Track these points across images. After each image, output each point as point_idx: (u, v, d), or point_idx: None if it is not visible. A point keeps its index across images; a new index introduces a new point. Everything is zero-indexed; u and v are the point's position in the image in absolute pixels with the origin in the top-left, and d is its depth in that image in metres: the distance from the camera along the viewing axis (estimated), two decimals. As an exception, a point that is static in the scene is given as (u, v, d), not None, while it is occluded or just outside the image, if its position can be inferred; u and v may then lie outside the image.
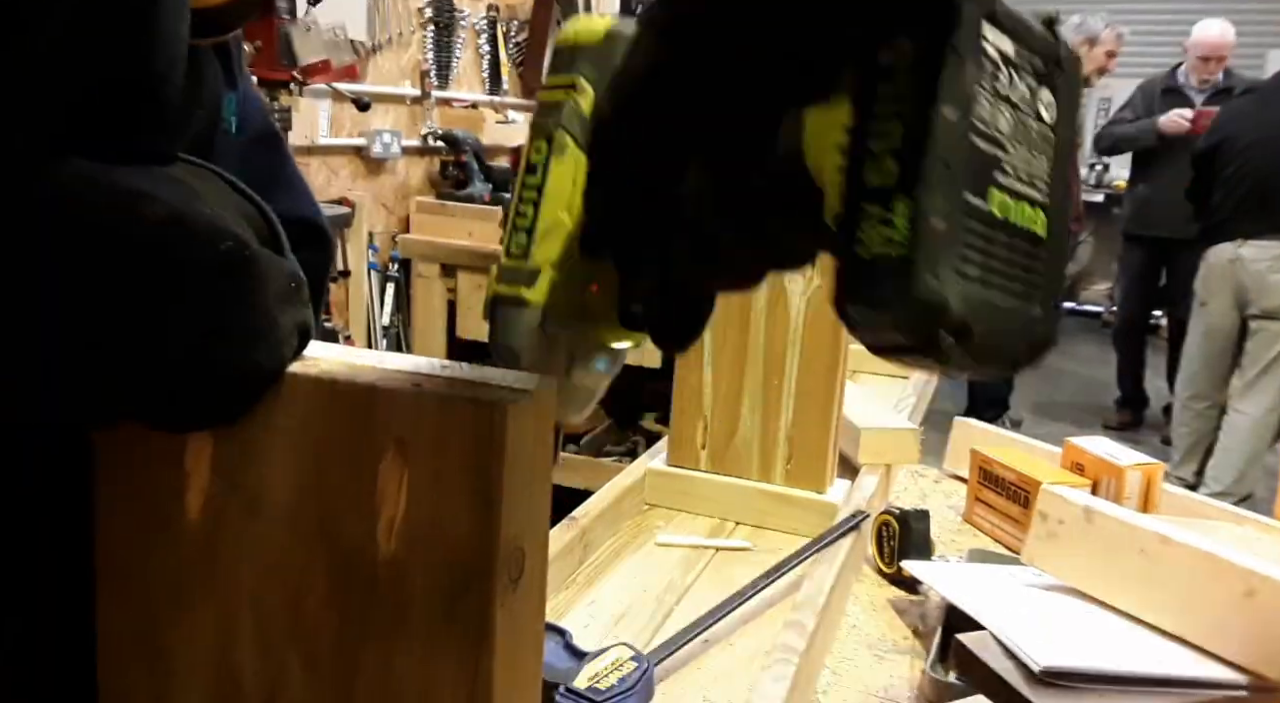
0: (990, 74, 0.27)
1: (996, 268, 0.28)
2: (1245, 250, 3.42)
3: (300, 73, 2.54)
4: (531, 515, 0.30)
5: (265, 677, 0.31)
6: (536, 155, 0.39)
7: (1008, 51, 0.28)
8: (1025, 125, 0.29)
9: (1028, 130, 0.29)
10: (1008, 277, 0.28)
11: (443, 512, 0.28)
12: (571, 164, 0.38)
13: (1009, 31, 0.28)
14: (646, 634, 0.83)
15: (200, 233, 0.30)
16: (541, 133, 0.39)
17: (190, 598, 0.32)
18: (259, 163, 0.44)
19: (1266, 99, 3.48)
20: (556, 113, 0.38)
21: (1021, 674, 0.71)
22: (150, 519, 0.32)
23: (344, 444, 0.29)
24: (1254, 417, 3.43)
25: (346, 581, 0.29)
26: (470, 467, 0.27)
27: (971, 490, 1.17)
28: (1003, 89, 0.28)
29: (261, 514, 0.30)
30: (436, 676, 0.29)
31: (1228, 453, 3.48)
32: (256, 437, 0.30)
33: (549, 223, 0.38)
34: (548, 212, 0.38)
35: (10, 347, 0.29)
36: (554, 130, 0.38)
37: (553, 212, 0.38)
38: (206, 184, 0.38)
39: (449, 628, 0.28)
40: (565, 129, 0.38)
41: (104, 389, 0.29)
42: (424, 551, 0.28)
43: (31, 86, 0.30)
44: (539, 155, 0.38)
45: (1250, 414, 3.44)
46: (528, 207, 0.38)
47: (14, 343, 0.29)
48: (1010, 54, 0.28)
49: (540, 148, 0.39)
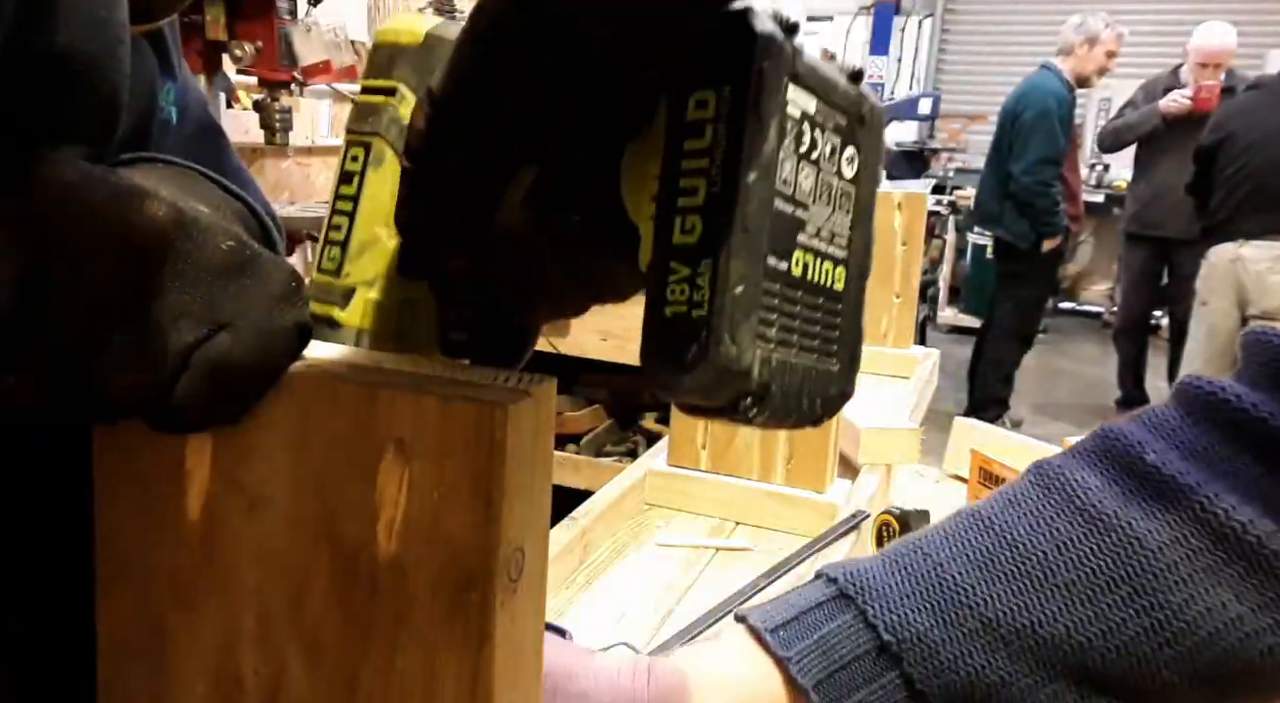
0: (794, 135, 0.27)
1: (796, 327, 0.28)
2: (1246, 250, 3.42)
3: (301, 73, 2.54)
4: (532, 516, 0.30)
5: (266, 677, 0.31)
6: (353, 164, 0.36)
7: (810, 110, 0.28)
8: (828, 183, 0.29)
9: (830, 188, 0.29)
10: (807, 335, 0.29)
11: (443, 512, 0.28)
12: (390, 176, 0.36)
13: (812, 89, 0.28)
14: (646, 634, 0.83)
15: (201, 230, 0.30)
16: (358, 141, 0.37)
17: (191, 598, 0.32)
18: (202, 155, 0.43)
19: (1270, 98, 3.46)
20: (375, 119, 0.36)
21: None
22: (150, 519, 0.32)
23: (345, 444, 0.29)
24: None
25: (347, 581, 0.29)
26: (471, 467, 0.27)
27: (972, 491, 1.17)
28: (805, 149, 0.28)
29: (262, 514, 0.30)
30: (437, 675, 0.29)
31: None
32: (257, 436, 0.30)
33: (364, 238, 0.36)
34: (363, 226, 0.36)
35: (11, 345, 0.29)
36: (371, 139, 0.36)
37: (369, 227, 0.36)
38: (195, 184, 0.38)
39: (450, 628, 0.28)
40: (383, 138, 0.36)
41: (105, 388, 0.29)
42: (425, 551, 0.28)
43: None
44: (355, 164, 0.36)
45: None
46: (342, 219, 0.36)
47: (15, 341, 0.29)
48: (813, 112, 0.28)
49: (357, 156, 0.36)
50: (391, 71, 0.37)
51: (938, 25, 8.39)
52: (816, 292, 0.29)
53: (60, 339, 0.28)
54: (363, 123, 0.37)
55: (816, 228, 0.29)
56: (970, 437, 1.28)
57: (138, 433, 0.30)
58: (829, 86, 0.28)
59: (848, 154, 0.29)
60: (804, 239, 0.28)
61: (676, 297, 0.27)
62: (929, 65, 8.44)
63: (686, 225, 0.27)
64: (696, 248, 0.27)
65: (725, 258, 0.26)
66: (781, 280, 0.28)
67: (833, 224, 0.29)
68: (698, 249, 0.27)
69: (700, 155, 0.27)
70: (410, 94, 0.36)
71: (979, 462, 1.15)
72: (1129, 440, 0.49)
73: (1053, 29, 7.83)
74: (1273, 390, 0.47)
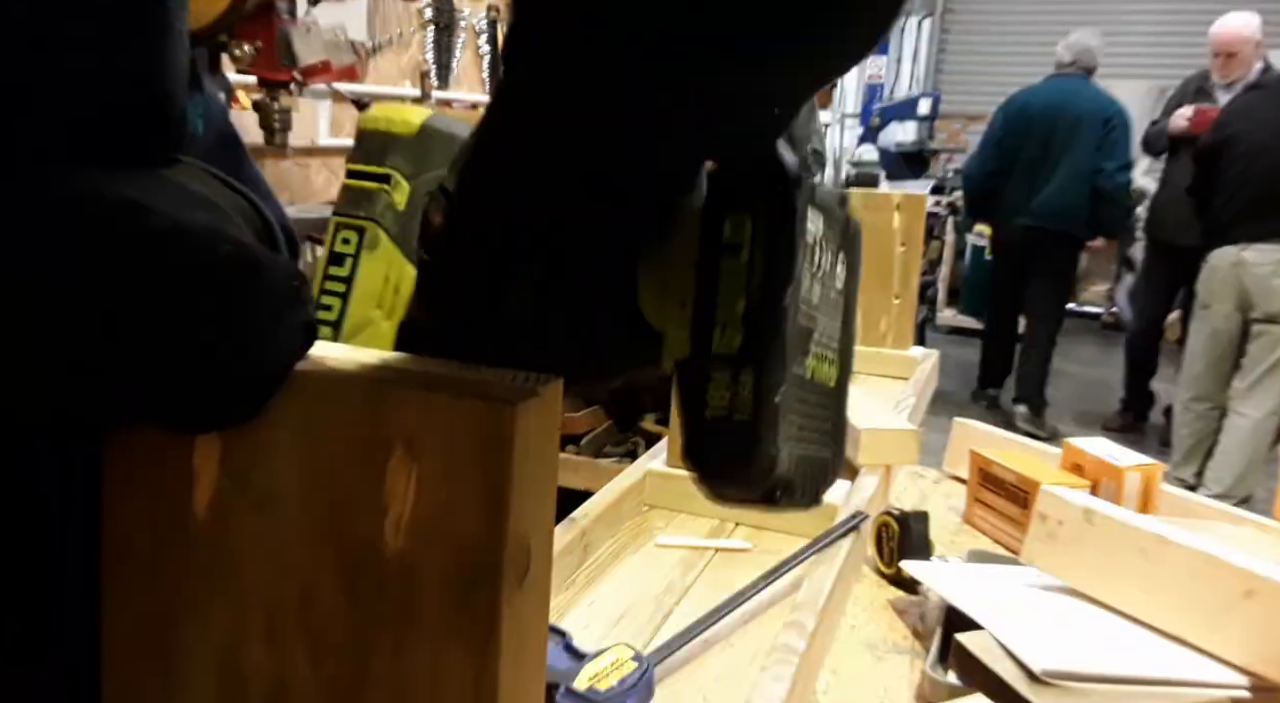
0: (810, 255, 0.31)
1: (808, 425, 0.31)
2: (1248, 254, 3.41)
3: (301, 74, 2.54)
4: (539, 514, 0.30)
5: (274, 674, 0.31)
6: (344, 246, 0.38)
7: (820, 232, 0.31)
8: (828, 294, 0.32)
9: (828, 298, 0.32)
10: (816, 430, 0.32)
11: (451, 509, 0.28)
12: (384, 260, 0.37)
13: (821, 210, 0.31)
14: (646, 635, 0.83)
15: (199, 238, 0.30)
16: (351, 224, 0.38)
17: (198, 596, 0.32)
18: (222, 163, 0.44)
19: (1272, 98, 3.46)
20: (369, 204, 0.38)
21: (1021, 675, 0.72)
22: (158, 517, 0.32)
23: (353, 442, 0.29)
24: (1255, 419, 3.43)
25: (355, 578, 0.30)
26: (479, 464, 0.28)
27: (971, 491, 1.17)
28: (815, 266, 0.31)
29: (270, 512, 0.30)
30: (444, 672, 0.29)
31: (1228, 455, 3.48)
32: (265, 435, 0.30)
33: (359, 320, 0.37)
34: (357, 308, 0.37)
35: (21, 356, 0.29)
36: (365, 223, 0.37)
37: (363, 309, 0.37)
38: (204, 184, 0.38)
39: (457, 625, 0.29)
40: (378, 223, 0.37)
41: (113, 396, 0.29)
42: (432, 548, 0.29)
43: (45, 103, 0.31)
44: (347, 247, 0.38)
45: (1251, 416, 3.44)
46: (334, 300, 0.37)
47: (24, 352, 0.29)
48: (821, 234, 0.31)
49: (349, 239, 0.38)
50: (385, 159, 0.38)
51: (937, 25, 8.40)
52: (820, 391, 0.32)
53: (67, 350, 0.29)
54: (356, 208, 0.38)
55: (821, 334, 0.32)
56: (970, 438, 1.29)
57: (146, 431, 0.31)
58: (830, 209, 0.32)
59: (840, 267, 0.33)
60: (812, 346, 0.31)
61: (717, 401, 0.30)
62: (928, 65, 8.45)
63: (726, 335, 0.30)
64: (737, 358, 0.30)
65: (766, 369, 0.29)
66: (799, 385, 0.31)
67: (830, 329, 0.32)
68: (739, 358, 0.30)
69: (737, 273, 0.30)
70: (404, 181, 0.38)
71: (978, 463, 1.15)
72: None
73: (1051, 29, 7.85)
74: None
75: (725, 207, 0.31)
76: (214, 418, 0.30)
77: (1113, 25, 7.49)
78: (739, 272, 0.30)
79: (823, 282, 0.31)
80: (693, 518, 1.08)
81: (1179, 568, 0.77)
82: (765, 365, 0.29)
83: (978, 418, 1.38)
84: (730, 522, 1.07)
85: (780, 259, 0.30)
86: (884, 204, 1.68)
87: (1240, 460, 3.44)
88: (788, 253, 0.30)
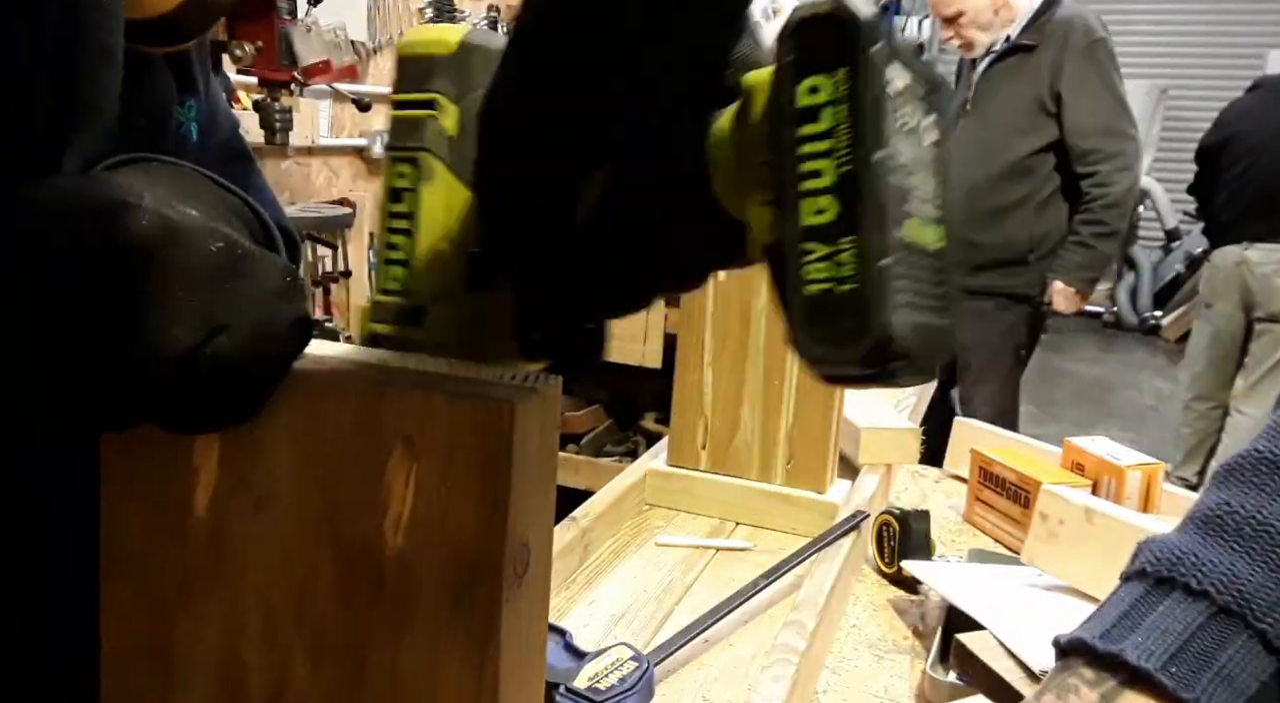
0: (896, 112, 0.29)
1: (921, 291, 0.29)
2: (1252, 253, 3.41)
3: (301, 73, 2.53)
4: (538, 513, 0.30)
5: (272, 673, 0.31)
6: (400, 180, 0.36)
7: (904, 86, 0.29)
8: (920, 150, 0.30)
9: (922, 154, 0.30)
10: (930, 296, 0.30)
11: (450, 508, 0.28)
12: (443, 189, 0.36)
13: (906, 64, 0.29)
14: (646, 634, 0.83)
15: (188, 236, 0.30)
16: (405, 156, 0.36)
17: (197, 595, 0.32)
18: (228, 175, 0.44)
19: (1273, 98, 3.45)
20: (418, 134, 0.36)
21: (1021, 674, 0.71)
22: (157, 516, 0.32)
23: (352, 441, 0.29)
24: (1257, 419, 3.43)
25: (354, 577, 0.30)
26: (478, 464, 0.27)
27: (972, 491, 1.17)
28: (904, 122, 0.29)
29: (269, 511, 0.30)
30: (443, 671, 0.29)
31: (1230, 454, 3.48)
32: (264, 434, 0.30)
33: (428, 254, 0.36)
34: (425, 242, 0.36)
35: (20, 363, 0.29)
36: (418, 153, 0.36)
37: (430, 242, 0.36)
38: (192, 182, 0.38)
39: (456, 624, 0.29)
40: (432, 152, 0.36)
41: (113, 398, 0.29)
42: (431, 547, 0.28)
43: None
44: (404, 180, 0.36)
45: (1254, 416, 3.44)
46: (400, 238, 0.36)
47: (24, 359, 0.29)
48: (905, 87, 0.29)
49: (405, 173, 0.36)
50: (428, 84, 0.36)
51: (937, 25, 8.39)
52: (928, 254, 0.30)
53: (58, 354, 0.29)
54: (406, 138, 0.36)
55: (919, 194, 0.30)
56: (970, 437, 1.28)
57: (144, 431, 0.30)
58: (912, 60, 0.30)
59: (930, 121, 0.30)
60: (911, 207, 0.29)
61: (817, 275, 0.28)
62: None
63: (817, 207, 0.28)
64: (832, 227, 0.28)
65: (867, 234, 0.28)
66: (905, 247, 0.29)
67: (926, 188, 0.30)
68: (835, 228, 0.28)
69: (820, 138, 0.28)
70: (450, 105, 0.36)
71: (979, 462, 1.15)
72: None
73: (1052, 30, 7.84)
74: None
75: (799, 69, 0.28)
76: (211, 417, 0.30)
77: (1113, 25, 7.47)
78: (822, 137, 0.28)
79: (912, 137, 0.29)
80: (693, 517, 1.08)
81: (1179, 567, 0.77)
82: (864, 229, 0.28)
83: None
84: (730, 521, 1.07)
85: (868, 118, 0.28)
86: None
87: None
88: (875, 111, 0.28)
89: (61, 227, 0.29)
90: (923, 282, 0.29)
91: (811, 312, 0.29)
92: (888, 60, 0.28)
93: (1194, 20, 7.47)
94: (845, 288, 0.28)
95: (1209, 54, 7.35)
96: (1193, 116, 6.80)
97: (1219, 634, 0.44)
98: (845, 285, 0.28)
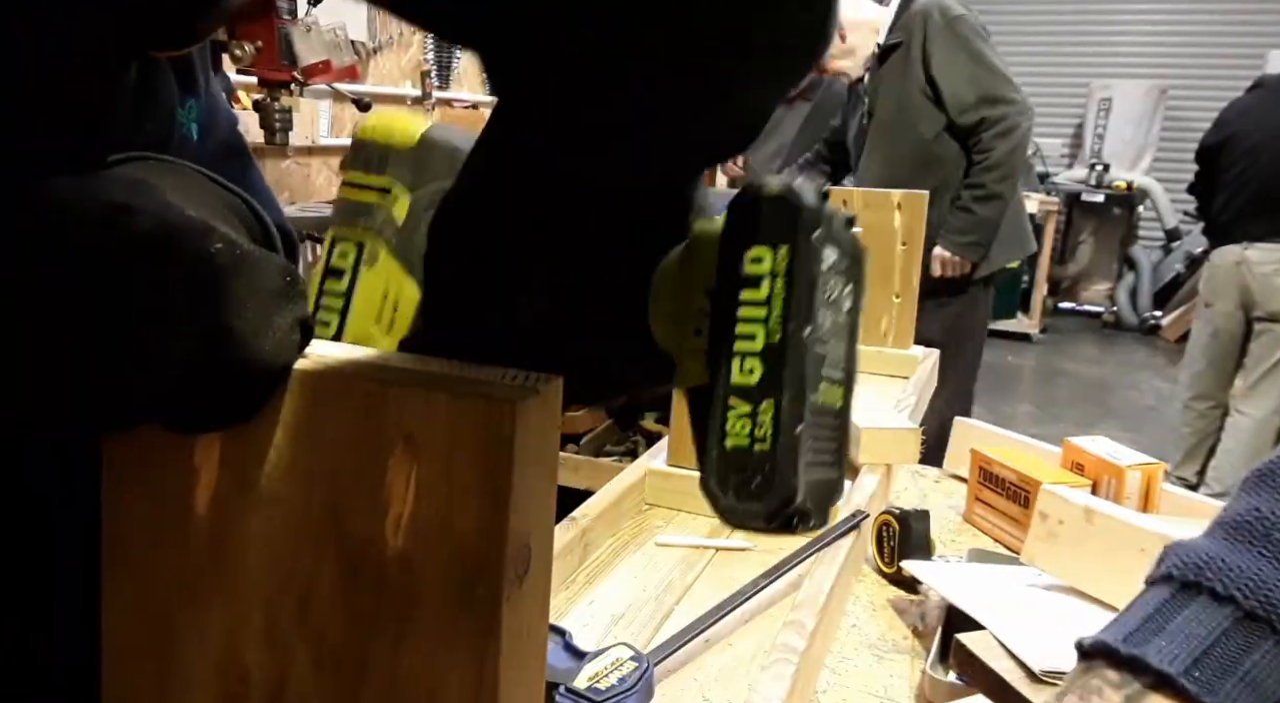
0: (825, 286, 0.31)
1: (823, 448, 0.32)
2: (1251, 253, 3.41)
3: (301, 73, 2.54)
4: (539, 513, 0.30)
5: (273, 673, 0.31)
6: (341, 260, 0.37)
7: (832, 262, 0.32)
8: (838, 319, 0.33)
9: (838, 323, 0.33)
10: (830, 452, 0.32)
11: (451, 508, 0.28)
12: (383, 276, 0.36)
13: (836, 244, 0.32)
14: (646, 634, 0.83)
15: (187, 237, 0.30)
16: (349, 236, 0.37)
17: (197, 595, 0.32)
18: (226, 172, 0.44)
19: (1272, 98, 3.45)
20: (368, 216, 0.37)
21: (1021, 674, 0.72)
22: (158, 516, 0.32)
23: (353, 441, 0.29)
24: (1257, 418, 3.44)
25: (355, 577, 0.30)
26: (479, 464, 0.28)
27: (972, 490, 1.17)
28: (830, 294, 0.32)
29: (270, 511, 0.30)
30: (444, 671, 0.29)
31: (1229, 454, 3.49)
32: (265, 433, 0.30)
33: (357, 336, 0.36)
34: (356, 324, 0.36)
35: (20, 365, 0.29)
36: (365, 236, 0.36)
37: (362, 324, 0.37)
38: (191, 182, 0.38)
39: (457, 624, 0.29)
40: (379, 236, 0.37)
41: (115, 400, 0.29)
42: (432, 547, 0.28)
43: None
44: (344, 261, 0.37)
45: (1253, 416, 3.45)
46: (331, 316, 0.37)
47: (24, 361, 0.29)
48: (833, 263, 0.32)
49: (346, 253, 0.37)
50: (384, 169, 0.37)
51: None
52: (830, 413, 0.32)
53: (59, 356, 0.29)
54: (354, 218, 0.37)
55: (830, 359, 0.32)
56: (970, 437, 1.28)
57: (146, 431, 0.31)
58: (842, 236, 0.32)
59: (848, 292, 0.33)
60: (825, 371, 0.32)
61: (738, 430, 0.31)
62: (928, 66, 8.44)
63: (746, 367, 0.31)
64: (756, 389, 0.30)
65: (786, 401, 0.30)
66: (815, 411, 0.31)
67: (838, 353, 0.33)
68: (758, 390, 0.30)
69: (757, 305, 0.31)
70: (403, 194, 0.37)
71: (979, 462, 1.15)
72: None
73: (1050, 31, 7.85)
74: None
75: (747, 239, 0.31)
76: (213, 417, 0.30)
77: (1113, 25, 7.49)
78: (759, 304, 0.30)
79: (833, 307, 0.32)
80: (693, 517, 1.08)
81: (1179, 567, 0.77)
82: (786, 398, 0.30)
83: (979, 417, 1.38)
84: (730, 521, 1.07)
85: (801, 294, 0.30)
86: (884, 203, 1.68)
87: (1242, 460, 3.43)
88: (808, 288, 0.30)
89: (62, 228, 0.29)
90: (825, 439, 0.32)
91: (728, 463, 0.31)
92: (824, 243, 0.31)
93: (1194, 20, 7.46)
94: (761, 448, 0.30)
95: (1209, 54, 7.35)
96: (1193, 116, 6.81)
97: (1245, 639, 0.44)
98: (760, 445, 0.30)
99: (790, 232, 0.31)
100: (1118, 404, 5.23)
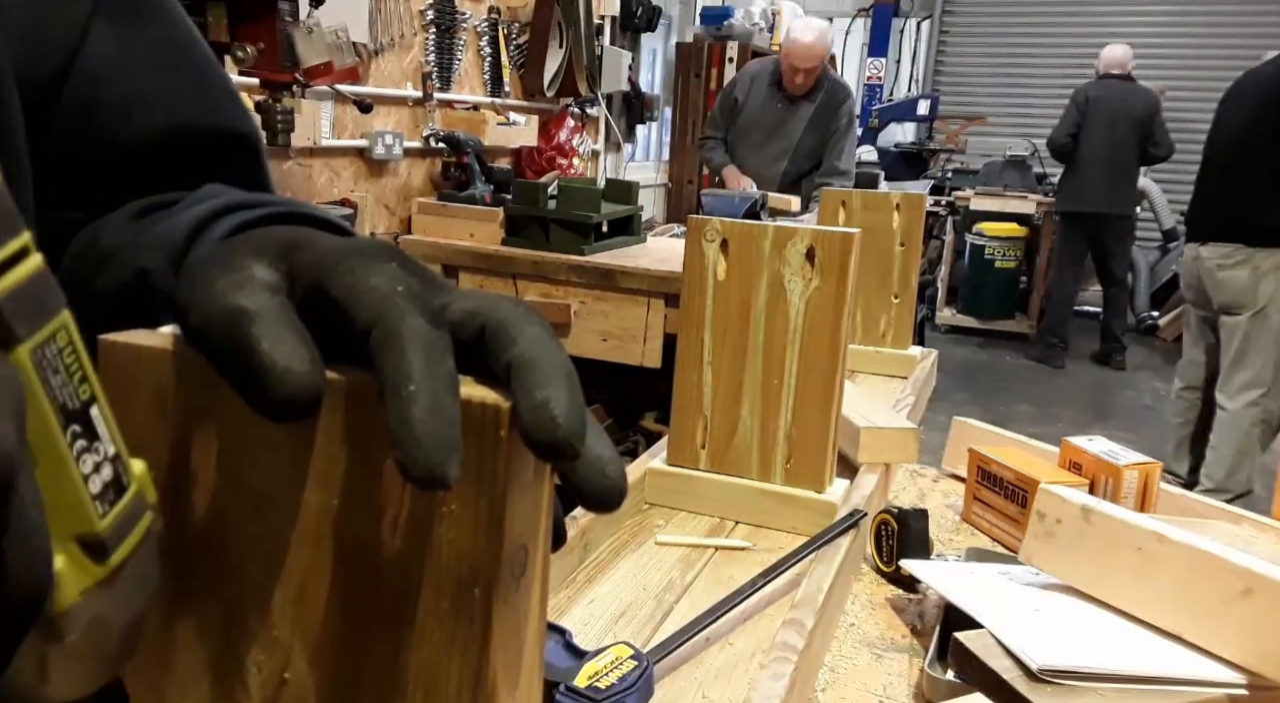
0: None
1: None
2: (1204, 250, 3.53)
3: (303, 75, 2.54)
4: (535, 513, 0.30)
5: (270, 674, 0.31)
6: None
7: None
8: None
9: None
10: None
11: (448, 509, 0.28)
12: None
13: None
14: (646, 633, 0.83)
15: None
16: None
17: (195, 596, 0.32)
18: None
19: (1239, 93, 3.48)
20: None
21: (1020, 673, 0.72)
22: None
23: (349, 442, 0.29)
24: (1231, 410, 3.47)
25: (351, 578, 0.30)
26: (475, 465, 0.28)
27: (970, 490, 1.17)
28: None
29: (267, 512, 0.30)
30: (440, 673, 0.29)
31: (1216, 449, 3.53)
32: (261, 435, 0.30)
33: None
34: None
35: None
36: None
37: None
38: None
39: (453, 625, 0.29)
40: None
41: None
42: (428, 548, 0.29)
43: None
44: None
45: (1228, 408, 3.49)
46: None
47: None
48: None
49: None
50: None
51: (936, 27, 8.39)
52: None
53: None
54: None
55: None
56: (968, 436, 1.29)
57: (142, 431, 0.31)
58: None
59: None
60: None
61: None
62: (927, 67, 8.44)
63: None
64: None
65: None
66: None
67: None
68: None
69: None
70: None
71: (977, 461, 1.16)
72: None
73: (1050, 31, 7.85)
74: None
75: None
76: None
77: (1113, 25, 7.48)
78: None
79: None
80: (692, 516, 1.08)
81: (1177, 566, 0.77)
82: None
83: (977, 416, 1.38)
84: (730, 521, 1.07)
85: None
86: (884, 204, 1.68)
87: (1228, 454, 3.46)
88: None
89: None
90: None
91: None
92: None
93: (1194, 20, 7.46)
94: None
95: (1209, 54, 7.35)
96: (1192, 117, 6.80)
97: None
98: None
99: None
100: (1115, 404, 5.23)
